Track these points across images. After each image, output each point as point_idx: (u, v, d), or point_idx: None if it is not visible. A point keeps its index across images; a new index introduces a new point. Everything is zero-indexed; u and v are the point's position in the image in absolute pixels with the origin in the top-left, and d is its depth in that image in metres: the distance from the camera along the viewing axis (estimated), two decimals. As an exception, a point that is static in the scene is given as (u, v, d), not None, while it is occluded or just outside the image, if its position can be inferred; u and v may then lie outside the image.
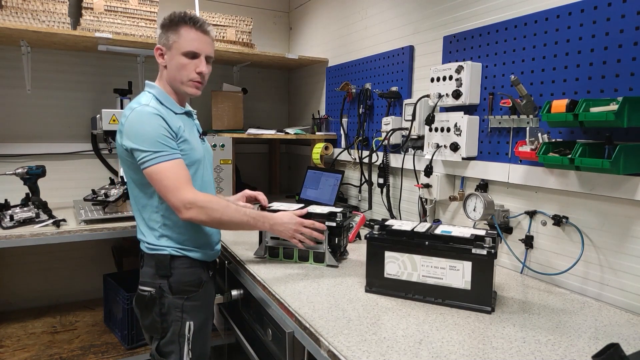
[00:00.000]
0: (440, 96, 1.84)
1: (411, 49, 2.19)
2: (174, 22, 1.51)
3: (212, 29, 1.58)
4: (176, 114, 1.54)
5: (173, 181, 1.41)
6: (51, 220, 2.16)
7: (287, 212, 1.63)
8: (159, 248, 1.52)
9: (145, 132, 1.41)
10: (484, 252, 1.27)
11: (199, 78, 1.54)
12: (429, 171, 1.93)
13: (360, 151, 2.54)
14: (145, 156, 1.41)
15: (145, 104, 1.46)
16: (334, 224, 1.67)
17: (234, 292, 1.77)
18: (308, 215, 1.68)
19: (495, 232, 1.37)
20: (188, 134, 1.54)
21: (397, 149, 2.25)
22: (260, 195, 1.84)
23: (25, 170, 2.27)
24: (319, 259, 1.69)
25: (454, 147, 1.79)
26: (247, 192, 1.86)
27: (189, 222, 1.52)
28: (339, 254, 1.73)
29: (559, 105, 1.34)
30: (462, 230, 1.39)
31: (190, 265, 1.55)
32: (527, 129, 1.54)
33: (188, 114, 1.63)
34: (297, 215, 1.63)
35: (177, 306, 1.52)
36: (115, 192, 2.39)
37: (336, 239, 1.69)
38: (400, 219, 2.02)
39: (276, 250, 1.76)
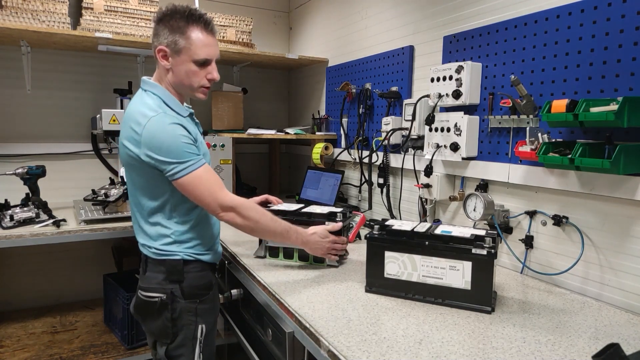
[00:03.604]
0: (440, 96, 1.84)
1: (411, 49, 2.19)
2: (181, 22, 1.40)
3: (216, 24, 1.52)
4: (184, 117, 1.48)
5: (207, 188, 1.41)
6: (51, 220, 2.16)
7: (320, 230, 1.61)
8: (171, 253, 1.48)
9: (170, 144, 1.36)
10: (484, 252, 1.27)
11: (209, 84, 1.51)
12: (429, 171, 1.93)
13: (360, 151, 2.54)
14: (173, 168, 1.37)
15: (162, 112, 1.40)
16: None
17: (234, 292, 1.77)
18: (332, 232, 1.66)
19: (495, 232, 1.37)
20: (199, 138, 1.53)
21: (397, 149, 2.25)
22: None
23: (25, 170, 2.27)
24: (319, 259, 1.69)
25: (454, 147, 1.79)
26: (269, 197, 1.93)
27: (201, 227, 1.54)
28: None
29: (559, 105, 1.34)
30: (462, 230, 1.39)
31: (201, 268, 1.53)
32: (527, 129, 1.54)
33: (191, 115, 1.58)
34: (329, 231, 1.63)
35: (190, 310, 1.49)
36: (115, 192, 2.40)
37: None
38: (400, 219, 2.02)
39: (276, 250, 1.76)
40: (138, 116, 1.39)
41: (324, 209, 1.76)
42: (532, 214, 1.61)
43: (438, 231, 1.38)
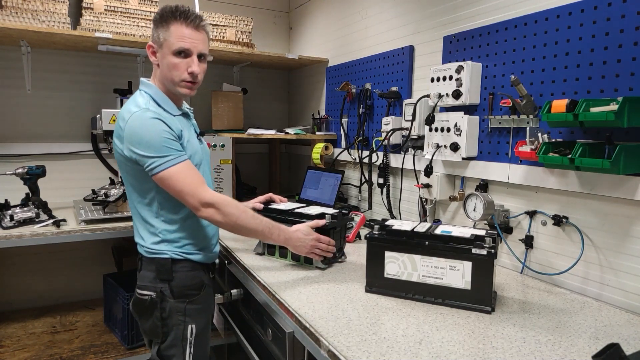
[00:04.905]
0: (440, 96, 1.84)
1: (411, 49, 2.19)
2: (164, 18, 1.44)
3: (206, 24, 1.51)
4: (174, 116, 1.50)
5: (187, 183, 1.40)
6: (51, 220, 2.16)
7: (303, 227, 1.59)
8: (160, 252, 1.50)
9: (149, 138, 1.38)
10: (484, 252, 1.27)
11: (191, 78, 1.48)
12: (429, 171, 1.93)
13: (360, 151, 2.54)
14: (152, 162, 1.38)
15: (145, 108, 1.42)
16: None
17: (234, 292, 1.77)
18: (321, 229, 1.64)
19: (495, 232, 1.37)
20: (187, 137, 1.51)
21: (397, 149, 2.25)
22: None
23: (25, 170, 2.27)
24: (309, 259, 1.67)
25: (454, 147, 1.79)
26: (273, 195, 1.92)
27: (190, 226, 1.53)
28: (333, 256, 1.68)
29: (559, 105, 1.34)
30: (462, 230, 1.39)
31: (191, 268, 1.54)
32: (527, 129, 1.54)
33: (185, 115, 1.59)
34: (312, 228, 1.60)
35: (179, 310, 1.50)
36: (115, 192, 2.40)
37: None
38: (400, 219, 2.02)
39: (273, 247, 1.76)
40: (124, 113, 1.44)
41: (317, 210, 1.75)
42: (532, 214, 1.61)
43: (438, 231, 1.38)
